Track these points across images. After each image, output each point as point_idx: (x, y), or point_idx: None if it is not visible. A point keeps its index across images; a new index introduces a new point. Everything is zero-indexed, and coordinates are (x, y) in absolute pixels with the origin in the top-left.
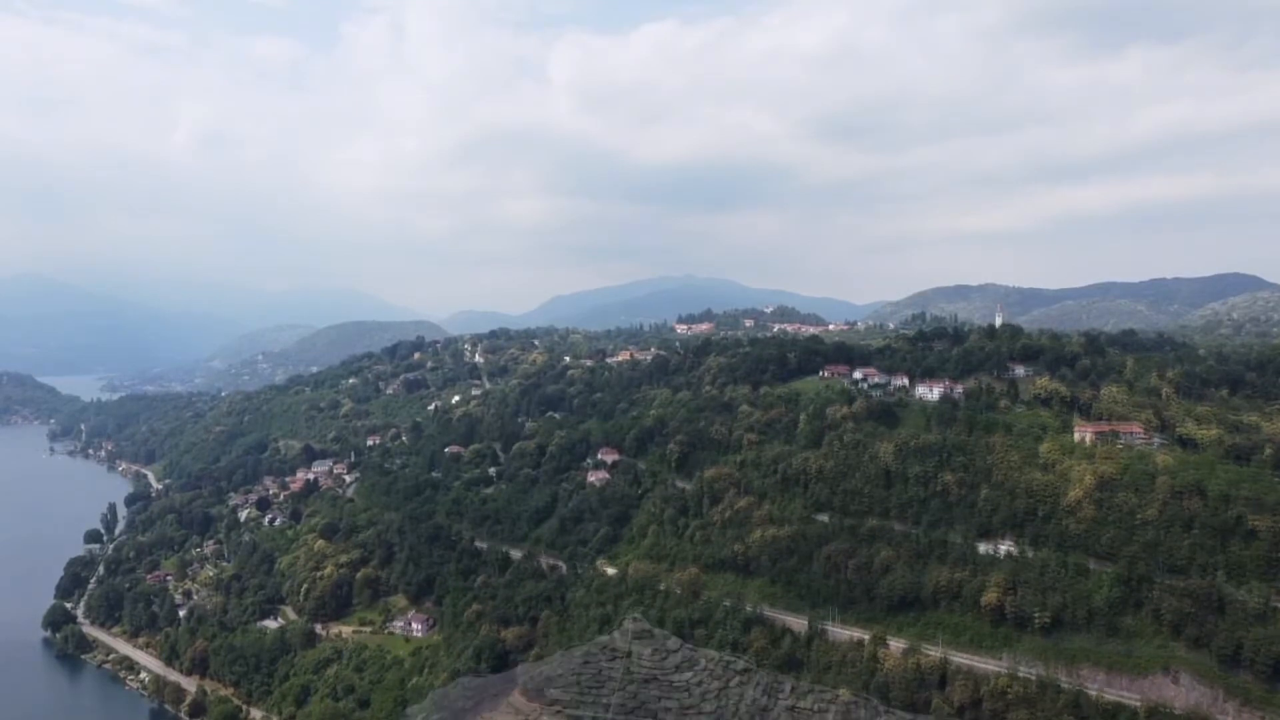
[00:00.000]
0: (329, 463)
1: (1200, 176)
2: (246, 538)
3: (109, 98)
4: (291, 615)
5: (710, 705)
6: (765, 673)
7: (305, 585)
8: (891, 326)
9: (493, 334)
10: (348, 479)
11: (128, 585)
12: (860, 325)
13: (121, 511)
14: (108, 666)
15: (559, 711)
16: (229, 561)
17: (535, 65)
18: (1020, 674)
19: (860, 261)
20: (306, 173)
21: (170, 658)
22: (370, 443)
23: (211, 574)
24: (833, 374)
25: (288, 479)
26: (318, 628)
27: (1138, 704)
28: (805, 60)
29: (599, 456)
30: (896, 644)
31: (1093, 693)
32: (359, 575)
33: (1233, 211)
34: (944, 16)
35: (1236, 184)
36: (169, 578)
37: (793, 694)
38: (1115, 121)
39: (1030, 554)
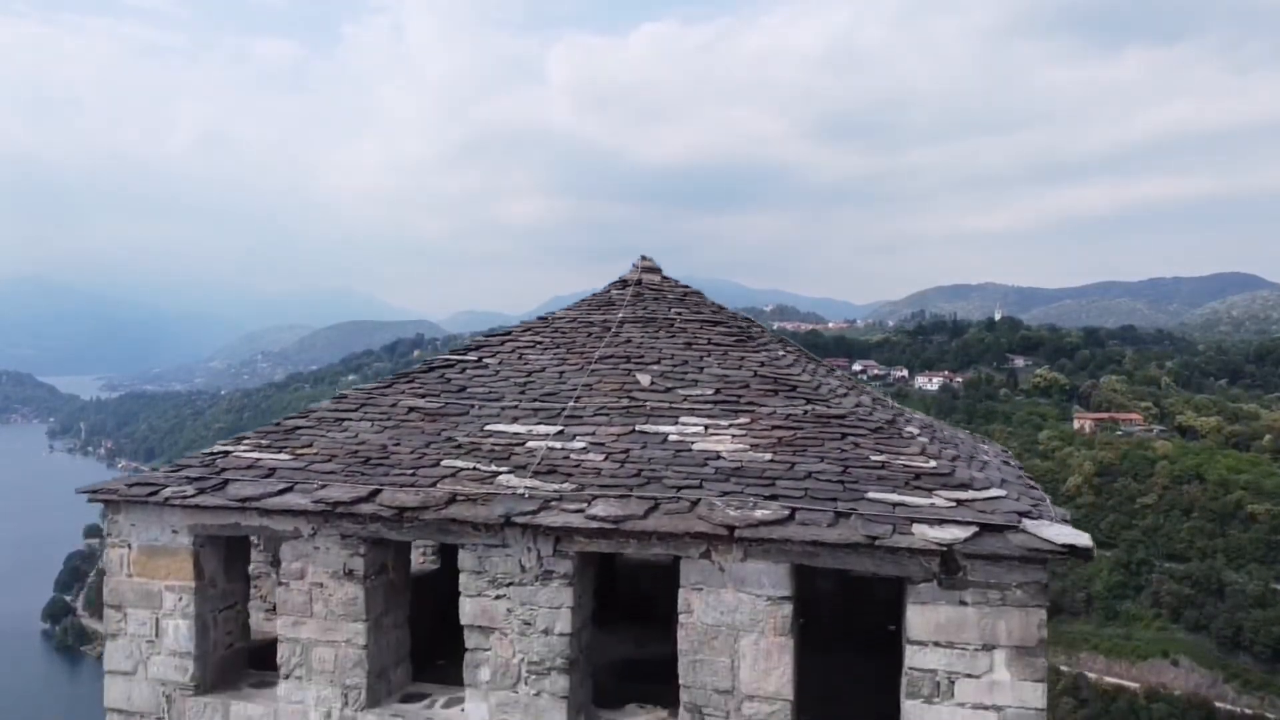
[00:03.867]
0: None
1: (1200, 176)
2: None
3: (109, 98)
4: None
5: None
6: None
7: None
8: (891, 324)
9: (492, 332)
10: None
11: None
12: (860, 323)
13: None
14: None
15: None
16: None
17: (534, 65)
18: None
19: (860, 261)
20: (306, 173)
21: None
22: None
23: None
24: (833, 367)
25: None
26: None
27: (1137, 688)
28: (805, 60)
29: None
30: None
31: (1092, 677)
32: None
33: (1232, 211)
34: (944, 17)
35: (1236, 184)
36: None
37: None
38: (1115, 121)
39: None
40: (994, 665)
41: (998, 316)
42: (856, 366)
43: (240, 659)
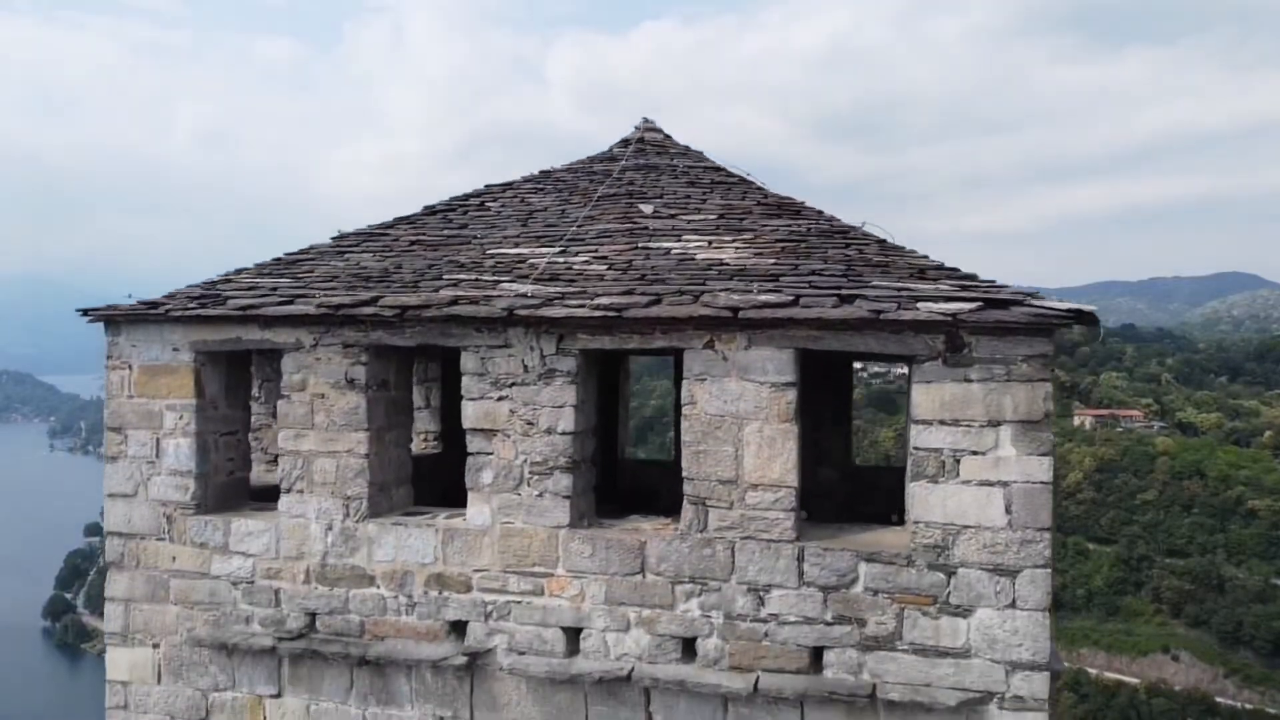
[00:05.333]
0: None
1: (1201, 175)
2: None
3: (110, 97)
4: None
5: None
6: None
7: None
8: None
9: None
10: None
11: None
12: None
13: None
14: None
15: None
16: None
17: (534, 65)
18: None
19: None
20: (307, 172)
21: None
22: None
23: None
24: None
25: None
26: None
27: (1138, 683)
28: (806, 59)
29: None
30: None
31: (1093, 672)
32: None
33: (1232, 210)
34: (944, 17)
35: (1236, 183)
36: None
37: None
38: (1115, 121)
39: None
40: (1000, 441)
41: None
42: (856, 364)
43: (241, 489)
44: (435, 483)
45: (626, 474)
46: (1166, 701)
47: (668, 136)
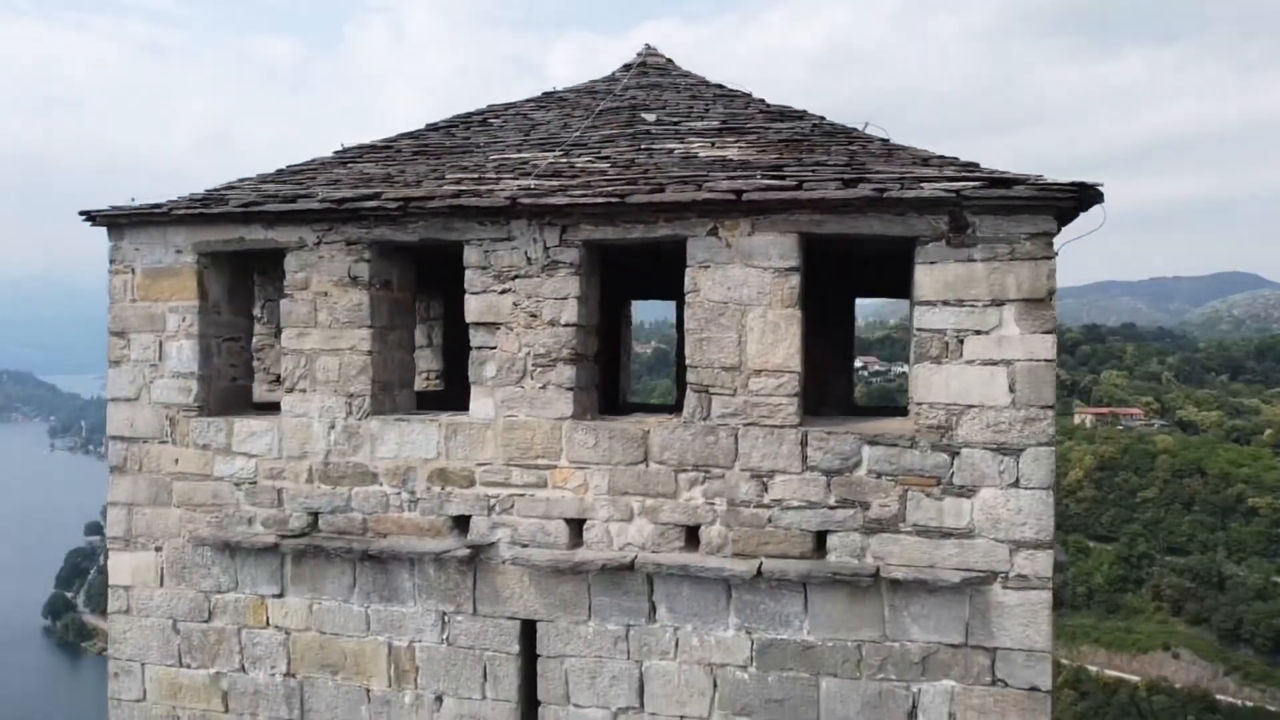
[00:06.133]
0: None
1: (1201, 175)
2: None
3: (110, 97)
4: None
5: None
6: None
7: None
8: (893, 322)
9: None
10: None
11: None
12: (861, 322)
13: None
14: (108, 654)
15: None
16: None
17: (534, 64)
18: None
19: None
20: None
21: None
22: None
23: None
24: None
25: None
26: None
27: (1138, 681)
28: (805, 59)
29: None
30: None
31: (1093, 670)
32: None
33: (1233, 210)
34: (943, 16)
35: (1237, 182)
36: None
37: None
38: (1115, 120)
39: None
40: (1003, 320)
41: None
42: (858, 362)
43: (243, 397)
44: None
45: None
46: (1167, 699)
47: (670, 60)
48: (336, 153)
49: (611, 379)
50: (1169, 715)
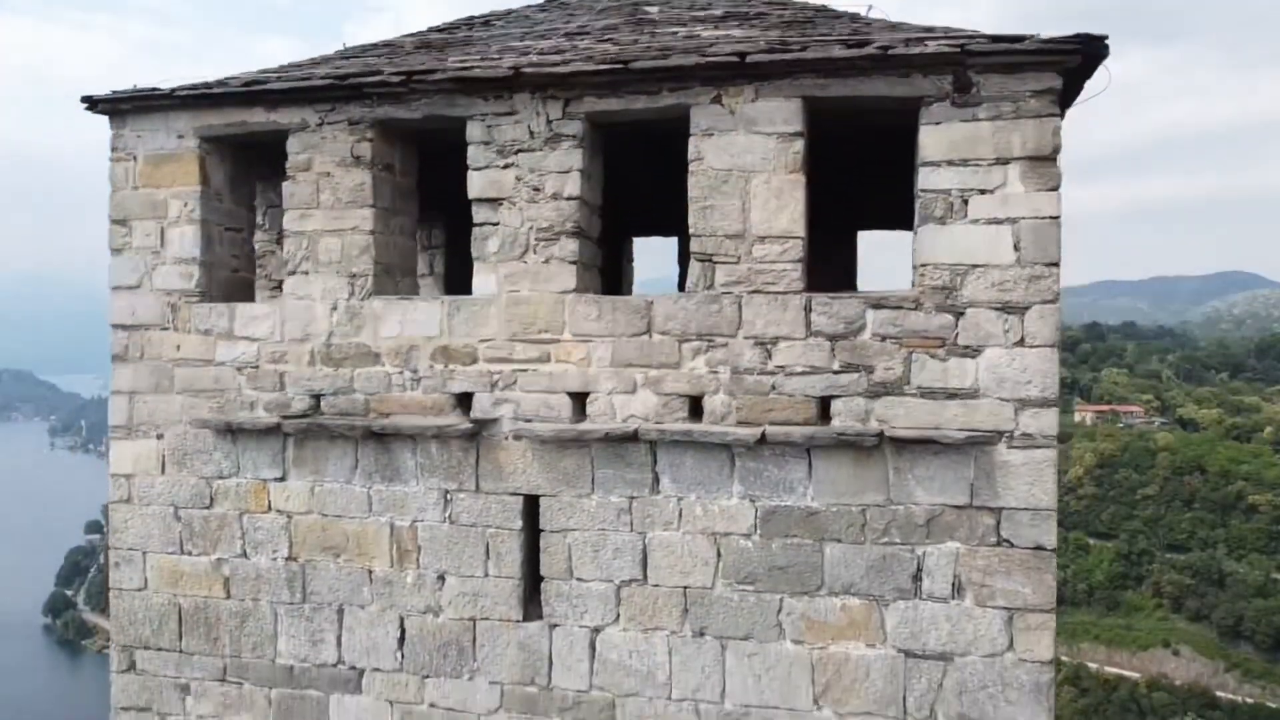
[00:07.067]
0: None
1: (1201, 175)
2: None
3: None
4: None
5: None
6: None
7: None
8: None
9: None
10: None
11: None
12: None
13: None
14: (108, 651)
15: None
16: None
17: None
18: None
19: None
20: None
21: None
22: None
23: None
24: None
25: None
26: None
27: (1138, 677)
28: None
29: None
30: None
31: (1093, 667)
32: None
33: (1233, 209)
34: (943, 13)
35: (1237, 182)
36: None
37: None
38: (1115, 120)
39: None
40: (1008, 179)
41: None
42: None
43: (245, 288)
44: None
45: None
46: (1167, 696)
47: None
48: (338, 51)
49: None
50: (1169, 712)
